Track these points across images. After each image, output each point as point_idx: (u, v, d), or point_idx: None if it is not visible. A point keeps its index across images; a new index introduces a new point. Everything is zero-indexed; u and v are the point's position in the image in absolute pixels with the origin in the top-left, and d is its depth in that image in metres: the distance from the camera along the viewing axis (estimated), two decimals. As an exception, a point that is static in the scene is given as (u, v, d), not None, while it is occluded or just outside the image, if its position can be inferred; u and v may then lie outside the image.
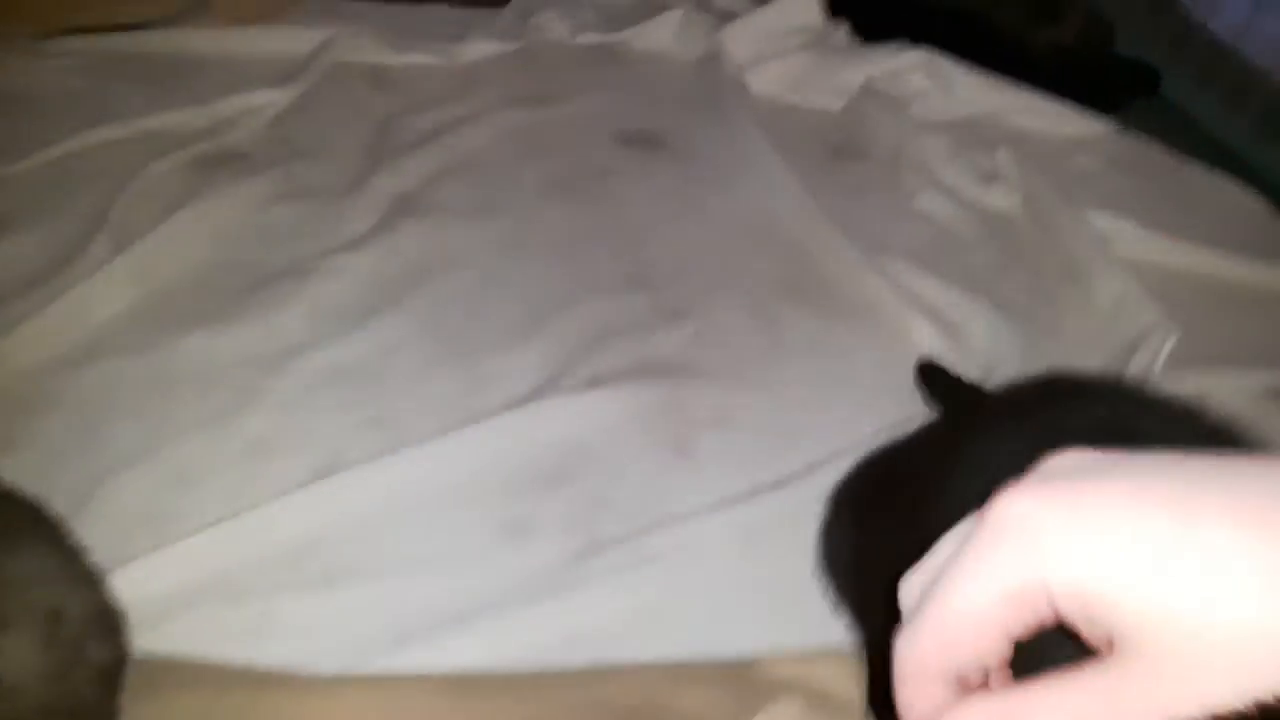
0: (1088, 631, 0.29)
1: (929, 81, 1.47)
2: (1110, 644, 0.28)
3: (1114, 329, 1.11)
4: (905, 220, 1.28)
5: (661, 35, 1.54)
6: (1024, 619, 0.29)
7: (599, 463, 0.96)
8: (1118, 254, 1.20)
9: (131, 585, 0.79)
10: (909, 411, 0.99)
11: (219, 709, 0.72)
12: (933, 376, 1.02)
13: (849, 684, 0.75)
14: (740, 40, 1.52)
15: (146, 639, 0.75)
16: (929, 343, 1.09)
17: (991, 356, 1.09)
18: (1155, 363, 1.04)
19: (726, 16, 1.57)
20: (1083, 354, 1.10)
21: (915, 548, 0.37)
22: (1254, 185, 1.40)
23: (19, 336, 0.99)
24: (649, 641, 0.81)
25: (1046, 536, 0.29)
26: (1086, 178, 1.38)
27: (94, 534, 0.82)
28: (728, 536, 0.90)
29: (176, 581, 0.81)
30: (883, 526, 0.75)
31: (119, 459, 0.90)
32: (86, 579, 0.71)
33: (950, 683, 0.31)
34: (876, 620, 0.75)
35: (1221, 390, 1.04)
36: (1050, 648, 0.31)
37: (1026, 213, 1.28)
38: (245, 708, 0.72)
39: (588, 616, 0.83)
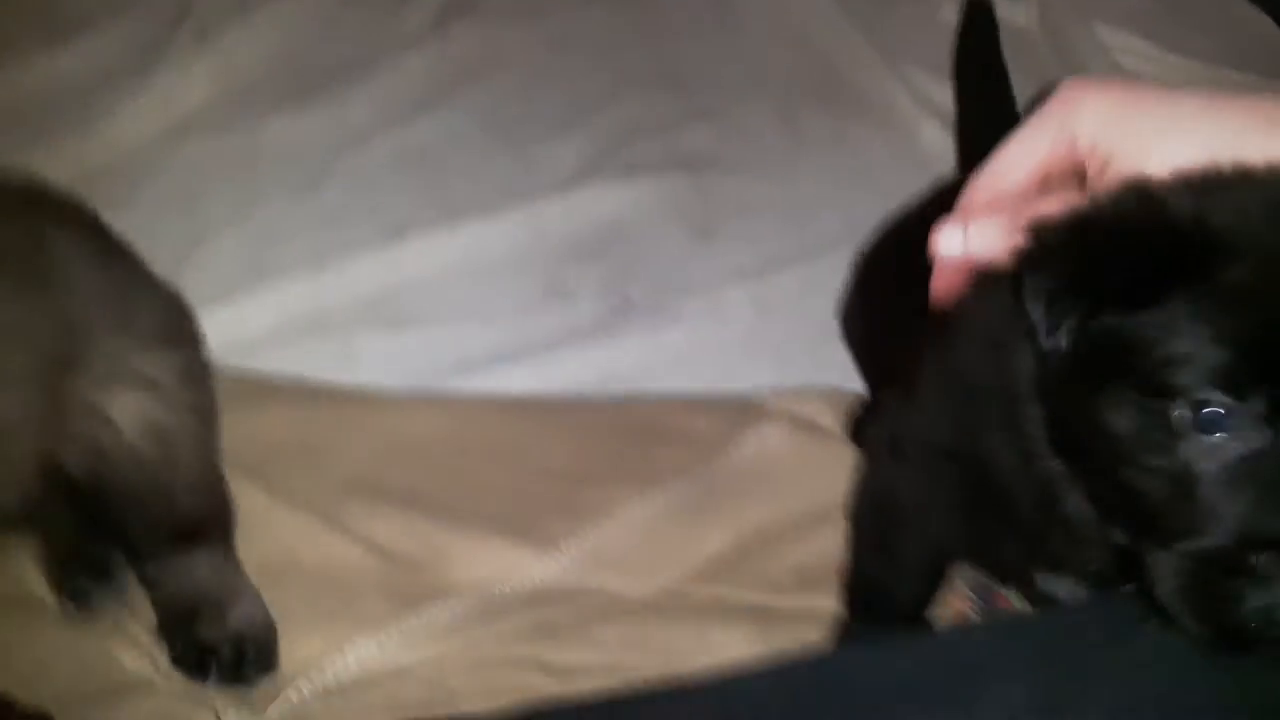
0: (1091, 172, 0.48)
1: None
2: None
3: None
4: (928, 30, 1.35)
5: None
6: (1058, 155, 0.48)
7: (632, 239, 1.09)
8: (1124, 67, 1.28)
9: (232, 324, 0.95)
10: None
11: (313, 419, 0.87)
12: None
13: (831, 417, 0.90)
14: None
15: (247, 365, 0.91)
16: (936, 142, 1.19)
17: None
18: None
19: None
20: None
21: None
22: (1268, 5, 1.45)
23: (120, 116, 1.13)
24: (669, 382, 0.96)
25: (1085, 104, 0.48)
26: (1105, -6, 1.43)
27: (197, 281, 0.98)
28: (742, 301, 1.04)
29: (271, 321, 0.96)
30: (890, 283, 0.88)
31: (215, 220, 1.04)
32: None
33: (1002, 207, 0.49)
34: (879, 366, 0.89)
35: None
36: None
37: (1042, 27, 1.35)
38: (334, 417, 0.87)
39: (619, 361, 0.97)
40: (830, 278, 1.03)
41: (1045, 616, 0.57)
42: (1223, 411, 0.43)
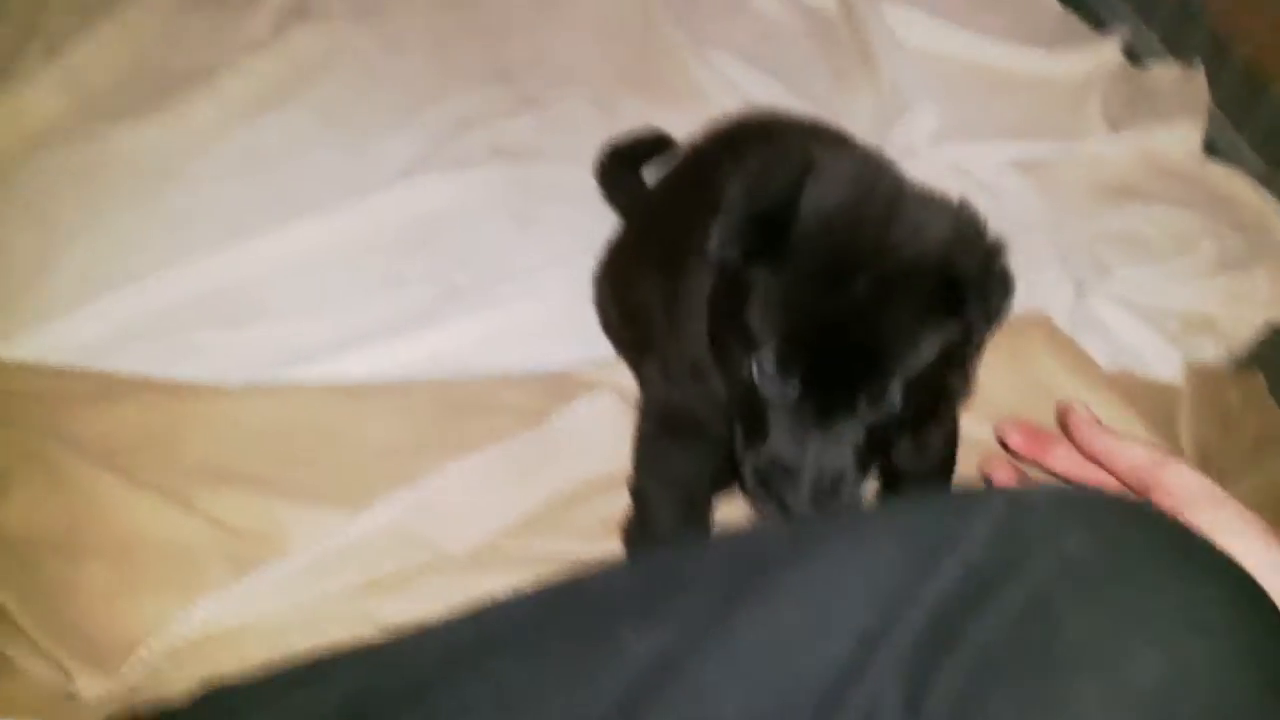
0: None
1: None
2: None
3: (890, 108, 1.33)
4: (738, 17, 1.48)
5: None
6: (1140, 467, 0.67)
7: (458, 229, 1.19)
8: (908, 43, 1.41)
9: (86, 327, 1.04)
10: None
11: (159, 412, 0.97)
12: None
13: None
14: None
15: (100, 365, 1.00)
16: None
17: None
18: (913, 134, 1.27)
19: None
20: (866, 132, 1.33)
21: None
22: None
23: (-31, 133, 1.19)
24: (492, 361, 1.07)
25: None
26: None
27: (52, 288, 1.07)
28: (560, 284, 1.15)
29: (120, 321, 1.05)
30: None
31: (67, 229, 1.12)
32: None
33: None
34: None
35: (973, 160, 1.29)
36: None
37: (839, 8, 1.48)
38: (178, 410, 0.97)
39: (446, 344, 1.08)
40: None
41: (743, 534, 0.69)
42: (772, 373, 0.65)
